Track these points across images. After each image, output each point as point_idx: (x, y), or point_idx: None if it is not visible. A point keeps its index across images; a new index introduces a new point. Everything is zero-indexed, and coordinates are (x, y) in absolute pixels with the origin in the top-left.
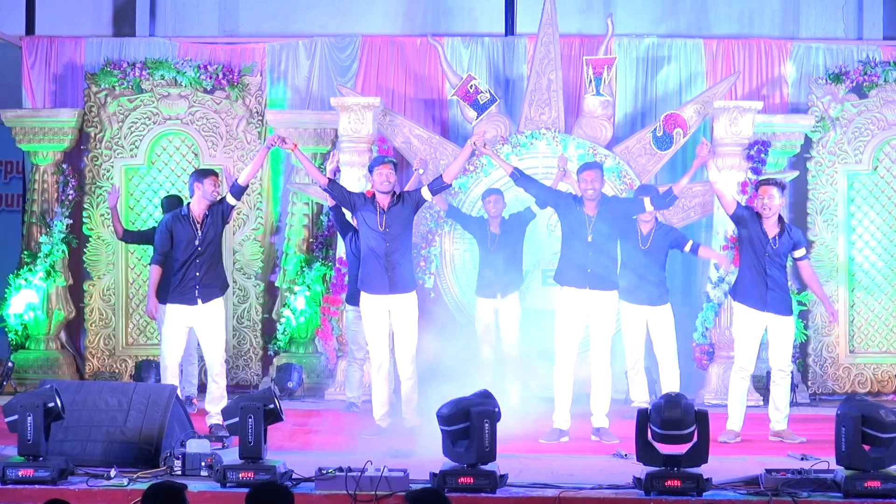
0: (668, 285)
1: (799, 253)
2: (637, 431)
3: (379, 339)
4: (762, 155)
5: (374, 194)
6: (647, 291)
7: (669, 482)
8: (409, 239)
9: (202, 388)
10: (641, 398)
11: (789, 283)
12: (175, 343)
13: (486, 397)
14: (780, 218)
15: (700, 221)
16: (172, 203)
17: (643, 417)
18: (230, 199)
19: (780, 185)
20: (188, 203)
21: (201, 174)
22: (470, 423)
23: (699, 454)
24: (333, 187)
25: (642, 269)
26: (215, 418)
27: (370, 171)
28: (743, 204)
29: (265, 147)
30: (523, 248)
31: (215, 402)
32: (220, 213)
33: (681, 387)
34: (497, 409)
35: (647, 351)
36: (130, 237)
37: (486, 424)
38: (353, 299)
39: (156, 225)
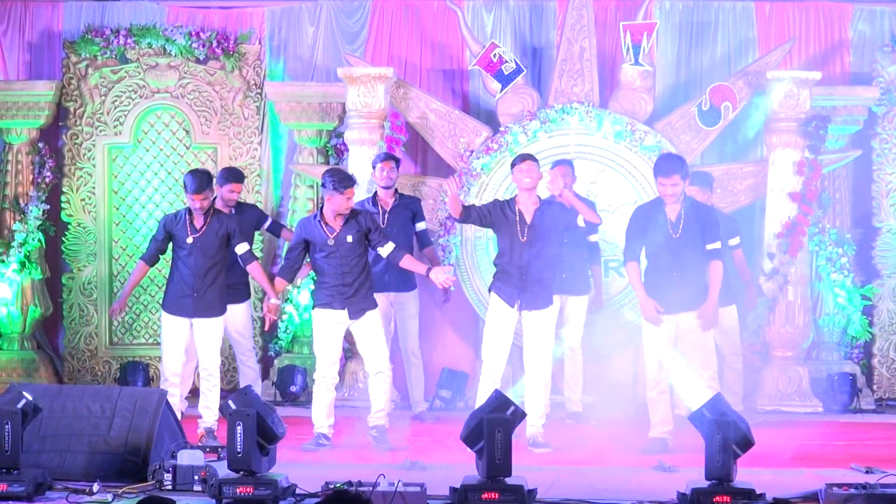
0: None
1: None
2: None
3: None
4: (821, 131)
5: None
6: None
7: (718, 497)
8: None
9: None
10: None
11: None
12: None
13: (498, 401)
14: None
15: (753, 205)
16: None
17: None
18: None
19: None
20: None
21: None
22: (483, 435)
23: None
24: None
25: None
26: None
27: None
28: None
29: None
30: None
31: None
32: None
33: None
34: (509, 416)
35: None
36: None
37: (499, 434)
38: None
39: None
